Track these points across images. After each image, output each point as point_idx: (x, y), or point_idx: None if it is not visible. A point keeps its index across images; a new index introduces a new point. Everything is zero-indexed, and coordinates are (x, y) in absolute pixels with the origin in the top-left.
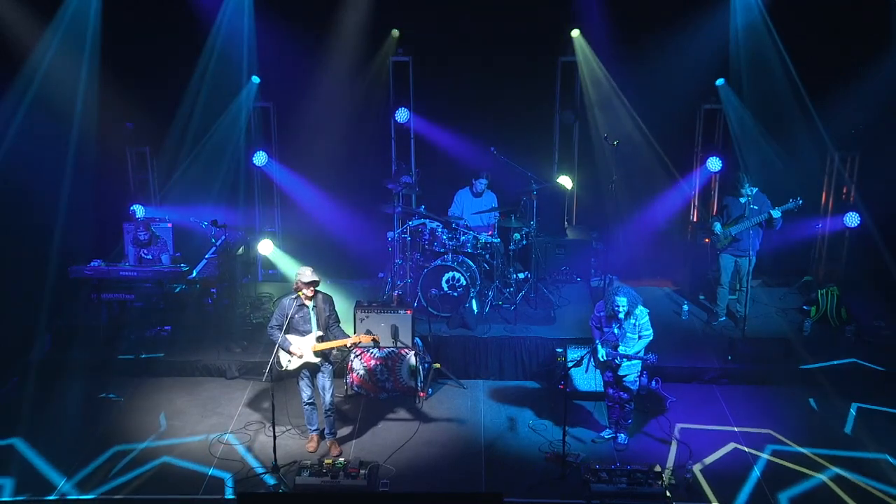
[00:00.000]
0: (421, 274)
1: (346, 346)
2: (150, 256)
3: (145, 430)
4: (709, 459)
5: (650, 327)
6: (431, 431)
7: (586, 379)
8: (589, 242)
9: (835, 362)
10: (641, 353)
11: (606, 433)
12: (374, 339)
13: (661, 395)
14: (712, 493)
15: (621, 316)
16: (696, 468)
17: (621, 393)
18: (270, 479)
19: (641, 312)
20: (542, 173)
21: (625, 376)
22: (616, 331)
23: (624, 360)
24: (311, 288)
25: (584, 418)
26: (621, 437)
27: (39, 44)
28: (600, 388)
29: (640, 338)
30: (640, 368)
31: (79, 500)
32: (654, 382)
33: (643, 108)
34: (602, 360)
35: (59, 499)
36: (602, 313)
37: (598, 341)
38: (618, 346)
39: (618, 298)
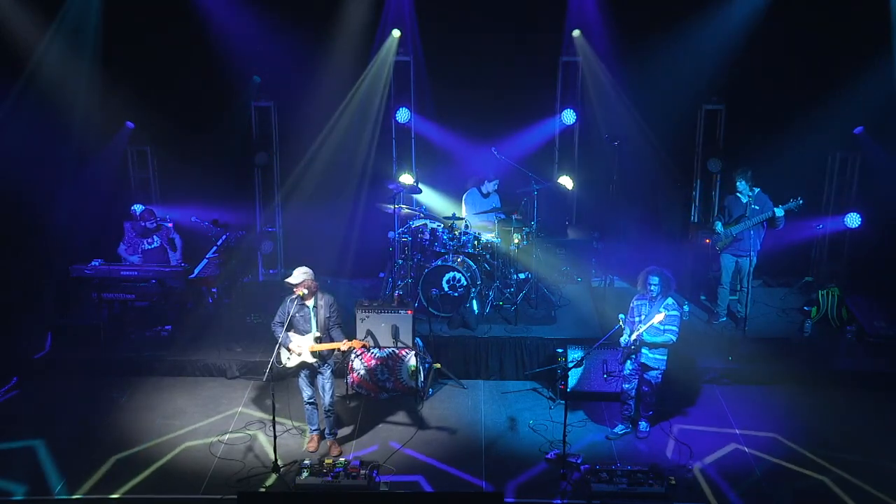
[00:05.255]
0: (421, 274)
1: (341, 349)
2: (155, 245)
3: (146, 429)
4: (709, 460)
5: (675, 325)
6: (432, 431)
7: (589, 379)
8: (590, 242)
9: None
10: (661, 352)
11: (619, 429)
12: (364, 346)
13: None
14: (712, 493)
15: (654, 294)
16: (697, 468)
17: (643, 387)
18: (271, 479)
19: (672, 305)
20: (542, 173)
21: (649, 370)
22: (644, 314)
23: (641, 343)
24: (301, 288)
25: (592, 417)
26: (643, 424)
27: (41, 43)
28: (603, 389)
29: (663, 331)
30: (664, 366)
31: (79, 499)
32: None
33: (644, 107)
34: (623, 344)
35: (59, 499)
36: (635, 303)
37: (625, 324)
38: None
39: (651, 277)
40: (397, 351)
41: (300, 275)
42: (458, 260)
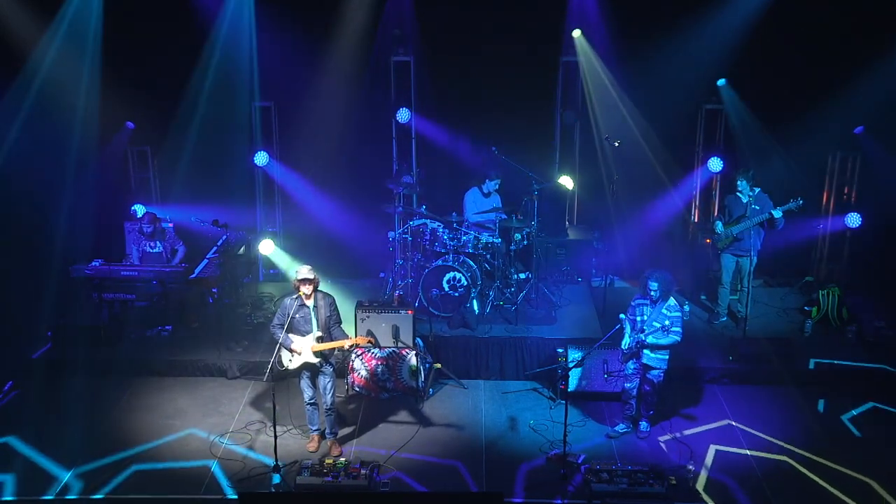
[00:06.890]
0: (422, 274)
1: (344, 347)
2: (157, 250)
3: (146, 430)
4: (709, 460)
5: (679, 326)
6: (432, 431)
7: (589, 378)
8: (590, 242)
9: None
10: (663, 352)
11: (620, 427)
12: (370, 341)
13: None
14: (713, 493)
15: (655, 298)
16: (697, 468)
17: (645, 386)
18: (271, 479)
19: (674, 306)
20: (543, 173)
21: (651, 369)
22: (646, 314)
23: (643, 345)
24: (308, 286)
25: (593, 417)
26: (644, 424)
27: (40, 44)
28: (604, 388)
29: (668, 333)
30: (666, 366)
31: (78, 500)
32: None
33: (644, 108)
34: (623, 348)
35: (58, 499)
36: (636, 302)
37: (626, 323)
38: (643, 331)
39: (650, 283)
40: (398, 351)
41: (308, 272)
42: (459, 260)
